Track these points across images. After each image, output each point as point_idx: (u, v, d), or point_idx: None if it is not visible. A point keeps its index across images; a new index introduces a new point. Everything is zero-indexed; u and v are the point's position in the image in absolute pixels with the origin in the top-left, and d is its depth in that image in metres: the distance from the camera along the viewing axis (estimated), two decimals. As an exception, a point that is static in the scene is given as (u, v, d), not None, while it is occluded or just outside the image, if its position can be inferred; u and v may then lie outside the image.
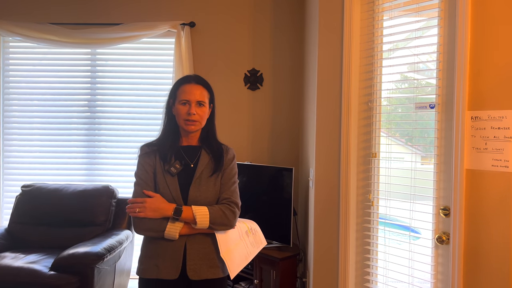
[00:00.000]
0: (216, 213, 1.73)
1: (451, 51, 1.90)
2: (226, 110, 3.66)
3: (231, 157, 1.88)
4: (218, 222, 1.73)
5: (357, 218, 2.33)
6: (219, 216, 1.73)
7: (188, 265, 1.73)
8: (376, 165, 2.26)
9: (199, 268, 1.74)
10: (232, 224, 1.78)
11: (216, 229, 1.75)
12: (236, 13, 3.66)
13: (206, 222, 1.70)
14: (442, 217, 1.93)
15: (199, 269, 1.74)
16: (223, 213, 1.74)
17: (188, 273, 1.72)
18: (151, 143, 1.88)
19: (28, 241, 3.27)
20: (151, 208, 1.69)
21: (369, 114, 2.29)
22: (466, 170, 1.80)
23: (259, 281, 2.98)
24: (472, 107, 1.79)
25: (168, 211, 1.70)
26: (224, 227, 1.76)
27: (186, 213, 1.70)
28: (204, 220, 1.70)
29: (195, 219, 1.69)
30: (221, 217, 1.74)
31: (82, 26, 3.65)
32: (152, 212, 1.69)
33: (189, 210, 1.71)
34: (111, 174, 3.79)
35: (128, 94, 3.78)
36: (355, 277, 2.35)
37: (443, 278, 1.94)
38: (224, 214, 1.74)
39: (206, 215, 1.71)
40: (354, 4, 2.29)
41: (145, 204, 1.70)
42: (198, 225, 1.70)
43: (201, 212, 1.71)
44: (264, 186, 3.21)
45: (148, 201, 1.71)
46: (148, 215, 1.69)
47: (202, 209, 1.72)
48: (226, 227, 1.77)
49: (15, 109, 3.81)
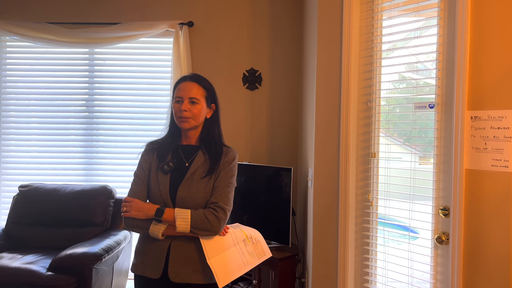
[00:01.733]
0: (198, 217, 1.68)
1: (451, 50, 1.89)
2: (225, 110, 3.59)
3: (230, 160, 1.82)
4: (200, 227, 1.68)
5: (356, 218, 2.33)
6: (200, 220, 1.68)
7: (170, 266, 1.71)
8: (375, 165, 2.26)
9: (182, 271, 1.71)
10: (216, 230, 1.71)
11: (199, 234, 1.69)
12: (234, 12, 3.65)
13: (186, 227, 1.67)
14: (442, 217, 1.93)
15: (182, 272, 1.71)
16: (205, 218, 1.68)
17: (169, 275, 1.71)
18: (155, 141, 1.90)
19: (26, 242, 3.25)
20: (136, 207, 1.72)
21: (368, 114, 2.29)
22: (466, 170, 1.80)
23: (258, 281, 2.97)
24: (471, 107, 1.78)
25: (150, 211, 1.71)
26: (207, 233, 1.70)
27: (167, 215, 1.69)
28: (184, 224, 1.66)
29: (175, 222, 1.67)
30: (203, 222, 1.68)
31: (80, 25, 3.63)
32: (137, 211, 1.71)
33: (171, 212, 1.69)
34: (109, 174, 3.78)
35: (126, 94, 3.77)
36: (354, 277, 2.34)
37: (443, 278, 1.94)
38: (207, 219, 1.68)
39: (187, 219, 1.67)
40: (353, 4, 2.28)
41: (131, 204, 1.73)
42: (178, 229, 1.67)
43: (183, 215, 1.67)
44: (263, 186, 3.20)
45: (135, 201, 1.74)
46: (133, 215, 1.71)
47: (184, 213, 1.68)
48: (209, 233, 1.70)
49: (12, 109, 3.79)
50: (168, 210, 1.70)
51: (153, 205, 1.73)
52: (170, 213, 1.69)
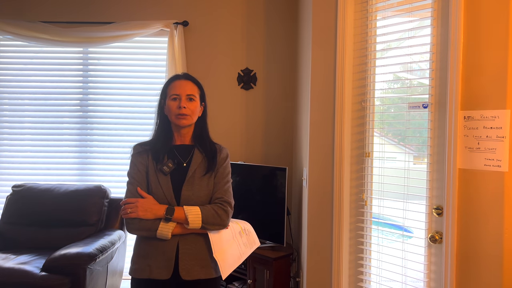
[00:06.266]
0: (208, 213, 1.72)
1: (444, 51, 1.91)
2: (220, 110, 3.65)
3: (225, 157, 1.87)
4: (211, 222, 1.72)
5: (350, 218, 2.34)
6: (211, 215, 1.72)
7: (181, 265, 1.72)
8: (369, 164, 2.27)
9: (191, 268, 1.73)
10: (225, 224, 1.77)
11: (209, 229, 1.74)
12: (229, 11, 3.65)
13: (198, 222, 1.69)
14: (435, 217, 1.94)
15: (191, 269, 1.73)
16: (215, 213, 1.73)
17: (181, 273, 1.71)
18: (144, 143, 1.87)
19: (19, 242, 3.23)
20: (142, 208, 1.69)
21: (362, 114, 2.29)
22: (459, 169, 1.81)
23: (252, 281, 2.98)
24: (465, 106, 1.80)
25: (159, 211, 1.69)
26: (217, 227, 1.75)
27: (178, 213, 1.70)
28: (196, 220, 1.69)
29: (187, 219, 1.68)
30: (213, 217, 1.73)
31: (74, 24, 3.61)
32: (143, 212, 1.68)
33: (181, 210, 1.70)
34: (104, 174, 3.76)
35: (121, 94, 3.75)
36: (348, 276, 2.35)
37: (436, 277, 1.95)
38: (217, 214, 1.73)
39: (199, 215, 1.70)
40: (348, 4, 2.29)
41: (137, 204, 1.70)
42: (191, 225, 1.69)
43: (193, 212, 1.70)
44: (258, 185, 3.20)
45: (140, 201, 1.71)
46: (139, 215, 1.68)
47: (194, 209, 1.71)
48: (219, 227, 1.76)
49: (6, 109, 3.77)
50: (178, 209, 1.71)
51: (160, 204, 1.72)
52: (180, 211, 1.70)
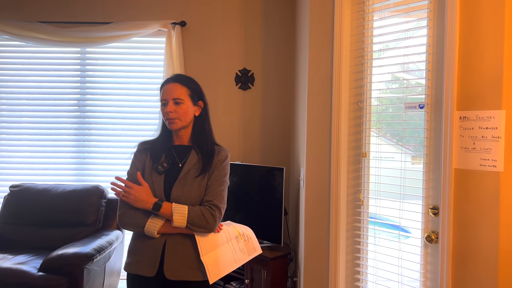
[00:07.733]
0: (195, 213, 1.71)
1: (440, 51, 1.92)
2: (217, 110, 3.65)
3: (222, 158, 1.84)
4: (196, 223, 1.70)
5: (347, 218, 2.34)
6: (197, 217, 1.70)
7: (166, 264, 1.72)
8: (366, 164, 2.27)
9: (177, 268, 1.73)
10: (211, 228, 1.73)
11: (195, 230, 1.72)
12: (227, 12, 3.65)
13: (183, 221, 1.69)
14: (431, 216, 1.95)
15: (177, 269, 1.73)
16: (202, 215, 1.71)
17: (165, 272, 1.72)
18: (147, 141, 1.91)
19: (17, 242, 3.23)
20: (135, 196, 1.71)
21: (359, 114, 2.30)
22: (455, 169, 1.82)
23: (250, 280, 2.98)
24: (460, 107, 1.81)
25: (147, 204, 1.71)
26: (203, 230, 1.73)
27: (165, 209, 1.71)
28: (181, 219, 1.69)
29: (172, 216, 1.69)
30: (199, 219, 1.70)
31: (72, 24, 3.61)
32: (134, 201, 1.71)
33: (169, 206, 1.71)
34: (101, 174, 3.76)
35: (118, 94, 3.75)
36: (345, 276, 2.36)
37: (432, 276, 1.96)
38: (203, 216, 1.71)
39: (185, 214, 1.69)
40: (345, 4, 2.30)
41: (131, 191, 1.72)
42: (175, 223, 1.69)
43: (180, 210, 1.70)
44: (255, 185, 3.21)
45: (135, 188, 1.73)
46: (130, 201, 1.71)
47: (181, 208, 1.71)
48: (204, 230, 1.73)
49: (3, 109, 3.76)
50: (166, 204, 1.72)
51: (152, 197, 1.73)
52: (167, 207, 1.71)
